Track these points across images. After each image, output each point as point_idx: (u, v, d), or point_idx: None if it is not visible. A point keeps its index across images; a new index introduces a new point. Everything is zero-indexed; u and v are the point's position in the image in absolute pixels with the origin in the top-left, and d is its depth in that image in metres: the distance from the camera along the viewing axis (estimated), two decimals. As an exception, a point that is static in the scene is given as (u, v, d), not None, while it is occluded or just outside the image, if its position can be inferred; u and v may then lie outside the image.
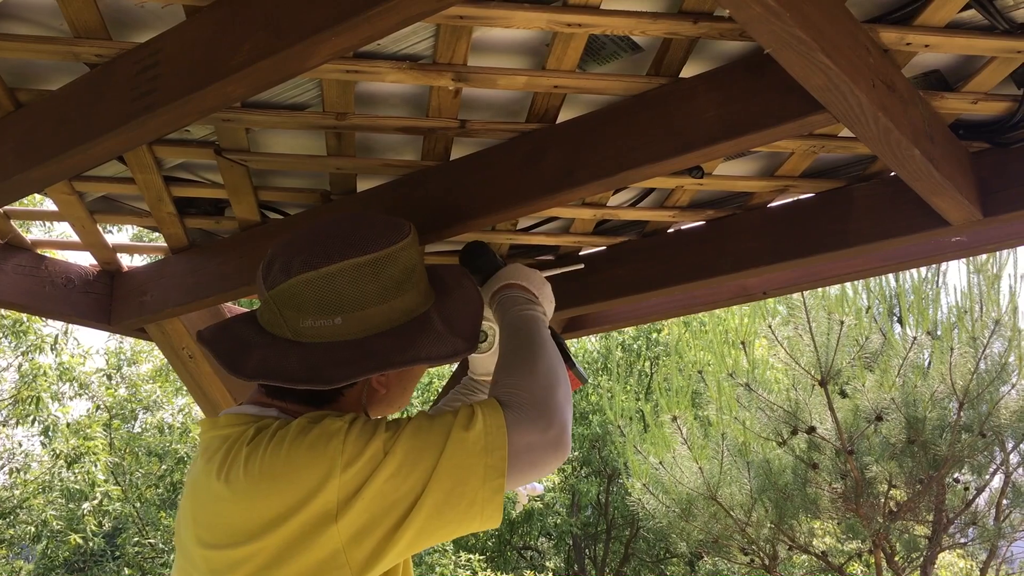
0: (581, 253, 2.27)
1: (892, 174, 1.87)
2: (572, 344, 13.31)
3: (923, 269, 6.76)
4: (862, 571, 9.19)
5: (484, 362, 1.81)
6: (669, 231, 2.18)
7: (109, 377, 11.92)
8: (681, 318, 11.33)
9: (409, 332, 1.36)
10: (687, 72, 1.57)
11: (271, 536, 1.18)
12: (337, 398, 1.34)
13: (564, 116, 1.69)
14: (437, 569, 10.46)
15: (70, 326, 10.62)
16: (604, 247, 2.23)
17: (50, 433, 10.42)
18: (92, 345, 12.80)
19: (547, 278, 2.08)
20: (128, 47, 1.43)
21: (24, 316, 9.97)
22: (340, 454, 1.18)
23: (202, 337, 1.40)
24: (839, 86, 1.30)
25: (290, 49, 1.21)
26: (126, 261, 2.36)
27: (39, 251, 2.23)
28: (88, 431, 10.58)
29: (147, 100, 1.36)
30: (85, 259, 2.34)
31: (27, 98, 1.61)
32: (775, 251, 1.98)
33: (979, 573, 7.20)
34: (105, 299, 2.29)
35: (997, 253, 6.27)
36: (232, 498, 1.22)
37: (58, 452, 10.20)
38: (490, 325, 1.88)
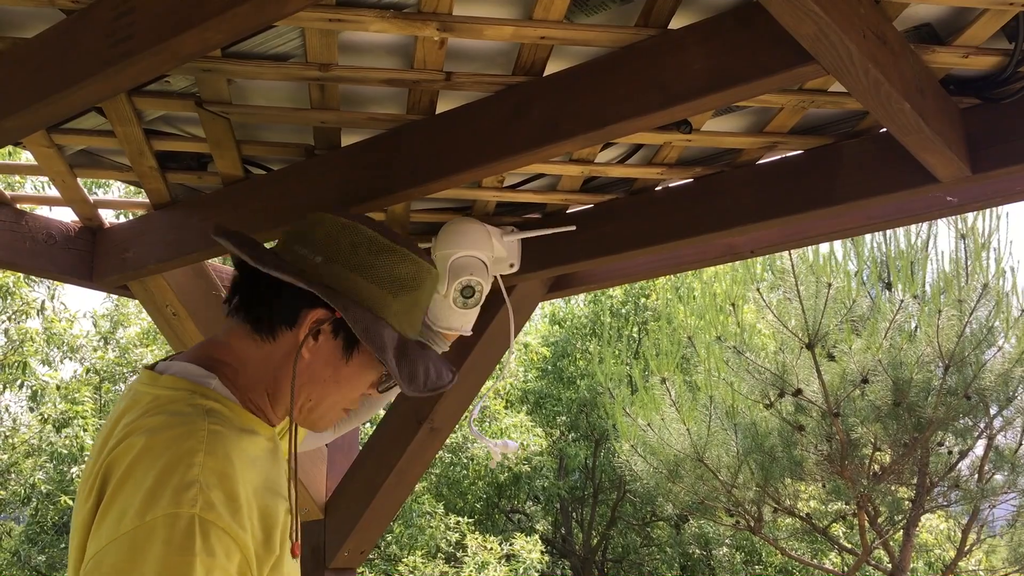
0: (568, 211, 2.25)
1: (882, 131, 1.85)
2: (560, 304, 13.31)
3: (913, 234, 6.76)
4: (844, 532, 9.31)
5: (456, 317, 1.81)
6: (657, 189, 2.16)
7: (106, 340, 11.83)
8: (670, 285, 11.35)
9: (377, 322, 1.30)
10: (676, 23, 1.54)
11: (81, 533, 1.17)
12: (272, 338, 1.30)
13: (551, 69, 1.67)
14: (427, 531, 10.54)
15: (56, 291, 10.56)
16: (591, 205, 2.21)
17: (38, 398, 10.39)
18: (79, 309, 12.67)
19: (537, 238, 2.07)
20: (104, -8, 1.40)
21: (10, 280, 9.91)
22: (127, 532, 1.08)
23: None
24: (829, 36, 1.28)
25: (269, -7, 1.18)
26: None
27: (19, 206, 2.20)
28: (76, 395, 10.56)
29: (124, 47, 1.33)
30: (67, 216, 2.31)
31: (1, 46, 1.58)
32: (763, 209, 1.97)
33: (961, 535, 7.29)
34: (87, 256, 2.27)
35: (986, 217, 6.28)
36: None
37: (46, 416, 10.19)
38: (478, 281, 1.87)
